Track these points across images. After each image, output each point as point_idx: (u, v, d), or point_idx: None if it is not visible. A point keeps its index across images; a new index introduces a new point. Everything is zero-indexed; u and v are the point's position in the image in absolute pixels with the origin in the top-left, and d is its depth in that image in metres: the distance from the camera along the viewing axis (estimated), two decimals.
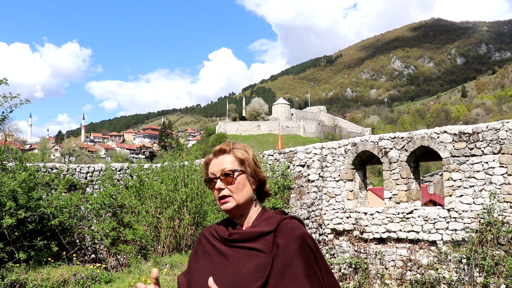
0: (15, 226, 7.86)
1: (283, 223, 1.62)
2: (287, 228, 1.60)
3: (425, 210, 8.83)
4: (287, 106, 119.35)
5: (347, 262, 9.73)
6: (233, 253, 1.62)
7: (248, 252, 1.59)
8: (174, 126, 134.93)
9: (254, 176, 1.74)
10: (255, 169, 1.74)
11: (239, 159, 1.73)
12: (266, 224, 1.64)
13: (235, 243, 1.64)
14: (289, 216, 1.67)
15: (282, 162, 11.06)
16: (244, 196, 1.69)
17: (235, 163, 1.72)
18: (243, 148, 1.77)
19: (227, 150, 1.75)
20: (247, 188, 1.71)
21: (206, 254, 1.70)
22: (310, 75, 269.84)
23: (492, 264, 7.59)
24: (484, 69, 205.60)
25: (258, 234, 1.61)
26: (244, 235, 1.64)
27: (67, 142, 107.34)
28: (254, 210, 1.73)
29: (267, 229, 1.61)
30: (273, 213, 1.71)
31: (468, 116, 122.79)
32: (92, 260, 9.75)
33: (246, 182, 1.71)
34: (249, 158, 1.74)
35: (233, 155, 1.73)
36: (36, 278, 6.91)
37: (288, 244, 1.55)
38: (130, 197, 9.66)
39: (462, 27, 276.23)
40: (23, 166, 8.91)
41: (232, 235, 1.66)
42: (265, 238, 1.60)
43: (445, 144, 8.52)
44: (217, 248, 1.67)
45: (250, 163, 1.73)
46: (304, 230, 1.61)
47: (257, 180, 1.75)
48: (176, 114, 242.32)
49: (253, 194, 1.73)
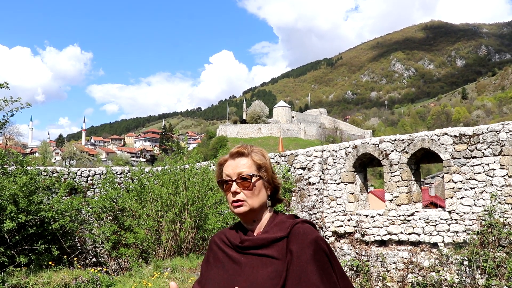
0: (16, 230, 7.87)
1: (296, 228, 1.58)
2: (299, 233, 1.56)
3: (426, 212, 8.82)
4: (288, 109, 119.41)
5: (349, 265, 9.71)
6: (246, 261, 1.58)
7: (262, 259, 1.56)
8: (175, 129, 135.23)
9: (270, 182, 1.70)
10: (272, 175, 1.71)
11: (257, 163, 1.68)
12: (278, 230, 1.61)
13: (247, 250, 1.60)
14: (301, 220, 1.64)
15: (283, 165, 11.06)
16: (259, 201, 1.66)
17: (252, 168, 1.67)
18: (261, 153, 1.72)
19: (245, 153, 1.70)
20: (262, 194, 1.67)
21: (219, 262, 1.65)
22: (310, 78, 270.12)
23: (493, 266, 7.57)
24: (484, 71, 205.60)
25: (271, 240, 1.58)
26: (256, 241, 1.60)
27: (68, 145, 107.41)
28: (267, 215, 1.69)
29: (279, 235, 1.58)
30: (284, 218, 1.67)
31: (469, 118, 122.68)
32: (93, 264, 9.74)
33: (262, 188, 1.67)
34: (266, 163, 1.70)
35: (251, 159, 1.69)
36: (37, 282, 6.90)
37: (302, 250, 1.52)
38: (131, 200, 9.67)
39: (462, 29, 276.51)
40: (24, 169, 8.92)
41: (244, 242, 1.62)
42: (278, 244, 1.57)
43: (446, 146, 8.52)
44: (229, 256, 1.63)
45: (267, 169, 1.70)
46: (317, 234, 1.57)
47: (272, 186, 1.71)
48: (177, 117, 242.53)
49: (268, 200, 1.70)
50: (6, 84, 8.38)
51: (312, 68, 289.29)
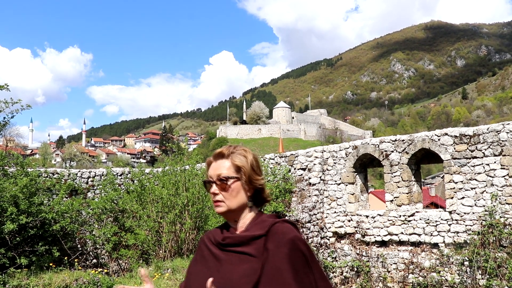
0: (16, 231, 7.87)
1: (275, 227, 1.60)
2: (278, 232, 1.58)
3: (427, 213, 8.82)
4: (288, 109, 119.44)
5: (349, 266, 9.71)
6: (226, 257, 1.62)
7: (240, 256, 1.59)
8: (175, 130, 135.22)
9: (250, 184, 1.71)
10: (251, 177, 1.71)
11: (236, 165, 1.70)
12: (258, 228, 1.64)
13: (228, 247, 1.64)
14: (282, 220, 1.65)
15: (283, 165, 11.06)
16: (237, 202, 1.68)
17: (231, 169, 1.70)
18: (243, 154, 1.73)
19: (225, 155, 1.73)
20: (241, 195, 1.69)
21: (203, 259, 1.70)
22: (310, 79, 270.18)
23: (494, 266, 7.57)
24: (485, 71, 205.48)
25: (250, 238, 1.61)
26: (236, 239, 1.64)
27: (68, 147, 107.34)
28: (249, 215, 1.72)
29: (258, 233, 1.61)
30: (266, 217, 1.69)
31: (469, 118, 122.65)
32: (94, 265, 9.75)
33: (240, 189, 1.69)
34: (246, 165, 1.71)
35: (230, 161, 1.71)
36: (37, 283, 6.91)
37: (278, 248, 1.54)
38: (131, 201, 9.67)
39: (462, 29, 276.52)
40: (24, 171, 8.93)
41: (225, 239, 1.67)
42: (256, 242, 1.59)
43: (446, 146, 8.52)
44: (213, 252, 1.68)
45: (246, 171, 1.70)
46: (296, 234, 1.59)
47: (253, 188, 1.72)
48: (177, 118, 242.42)
49: (248, 201, 1.71)
50: (6, 85, 8.40)
51: (312, 69, 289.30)
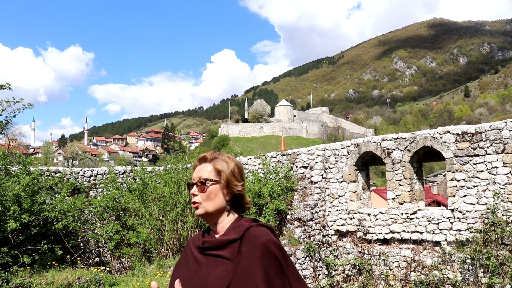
0: (19, 230, 7.90)
1: (249, 231, 1.66)
2: (251, 235, 1.64)
3: (429, 211, 8.81)
4: (290, 107, 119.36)
5: (351, 263, 9.71)
6: (204, 260, 1.68)
7: (217, 260, 1.65)
8: (177, 129, 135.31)
9: (228, 188, 1.76)
10: (230, 181, 1.76)
11: (217, 169, 1.77)
12: (234, 232, 1.69)
13: (207, 250, 1.70)
14: (257, 224, 1.71)
15: (285, 163, 11.06)
16: (214, 205, 1.74)
17: (212, 173, 1.76)
18: (225, 160, 1.80)
19: (208, 159, 1.81)
20: (219, 199, 1.75)
21: (186, 262, 1.76)
22: (312, 77, 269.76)
23: (496, 264, 7.55)
24: (487, 68, 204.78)
25: (226, 242, 1.67)
26: (213, 243, 1.70)
27: (70, 146, 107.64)
28: (228, 219, 1.77)
29: (233, 237, 1.66)
30: (243, 221, 1.75)
31: (471, 116, 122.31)
32: (96, 264, 9.78)
33: (218, 193, 1.75)
34: (226, 170, 1.77)
35: (212, 165, 1.78)
36: (40, 281, 6.94)
37: (250, 251, 1.59)
38: (133, 200, 9.69)
39: (464, 26, 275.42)
40: (27, 170, 8.96)
41: (204, 243, 1.72)
42: (232, 245, 1.65)
43: (448, 144, 8.50)
44: (194, 256, 1.73)
45: (225, 176, 1.76)
46: (270, 237, 1.64)
47: (231, 192, 1.77)
48: (179, 116, 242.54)
49: (226, 205, 1.76)
50: (8, 85, 8.41)
51: (314, 67, 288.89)
